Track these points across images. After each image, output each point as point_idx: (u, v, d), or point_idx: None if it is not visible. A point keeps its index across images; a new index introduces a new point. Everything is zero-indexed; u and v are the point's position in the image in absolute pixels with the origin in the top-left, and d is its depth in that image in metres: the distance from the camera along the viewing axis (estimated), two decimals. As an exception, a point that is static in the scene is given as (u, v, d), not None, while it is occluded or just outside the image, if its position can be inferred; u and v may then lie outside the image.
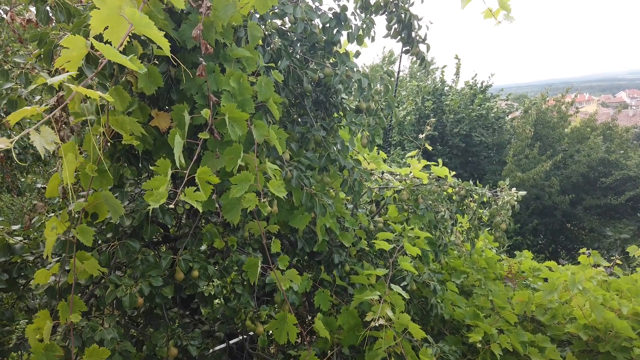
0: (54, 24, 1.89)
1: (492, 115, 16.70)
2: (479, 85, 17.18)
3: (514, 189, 3.88)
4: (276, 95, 2.02)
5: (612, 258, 3.87)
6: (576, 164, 15.76)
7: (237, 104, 1.92)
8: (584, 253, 3.80)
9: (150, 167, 2.24)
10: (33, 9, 2.37)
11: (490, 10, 2.14)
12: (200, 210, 1.50)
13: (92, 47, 1.15)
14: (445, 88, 17.32)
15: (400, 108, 16.67)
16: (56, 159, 2.35)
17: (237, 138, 1.81)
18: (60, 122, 1.61)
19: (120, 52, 1.17)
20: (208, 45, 1.77)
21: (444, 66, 18.29)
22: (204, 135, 1.73)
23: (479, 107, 16.10)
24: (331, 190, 3.00)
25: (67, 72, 1.13)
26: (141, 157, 2.05)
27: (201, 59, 1.80)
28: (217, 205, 2.10)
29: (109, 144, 1.83)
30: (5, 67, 2.29)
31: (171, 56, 1.53)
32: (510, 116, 18.11)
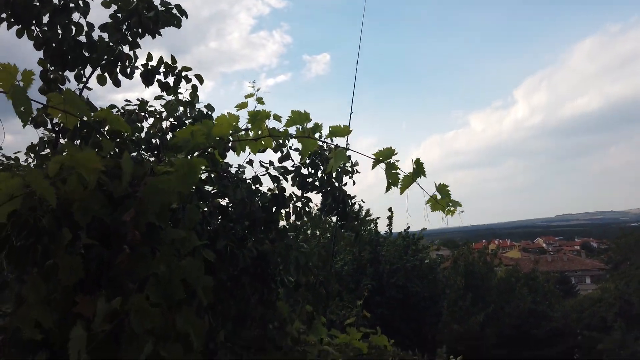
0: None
1: (425, 265, 17.24)
2: (411, 237, 18.02)
3: (451, 356, 3.87)
4: (207, 278, 1.95)
5: None
6: (508, 316, 16.17)
7: (166, 290, 1.82)
8: None
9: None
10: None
11: (435, 200, 1.84)
12: None
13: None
14: (380, 239, 17.95)
15: (338, 258, 16.84)
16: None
17: (141, 332, 1.63)
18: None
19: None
20: (136, 232, 1.73)
21: (377, 218, 19.25)
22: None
23: (412, 258, 16.63)
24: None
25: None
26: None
27: (125, 246, 1.74)
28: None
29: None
30: None
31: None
32: (442, 266, 18.79)
